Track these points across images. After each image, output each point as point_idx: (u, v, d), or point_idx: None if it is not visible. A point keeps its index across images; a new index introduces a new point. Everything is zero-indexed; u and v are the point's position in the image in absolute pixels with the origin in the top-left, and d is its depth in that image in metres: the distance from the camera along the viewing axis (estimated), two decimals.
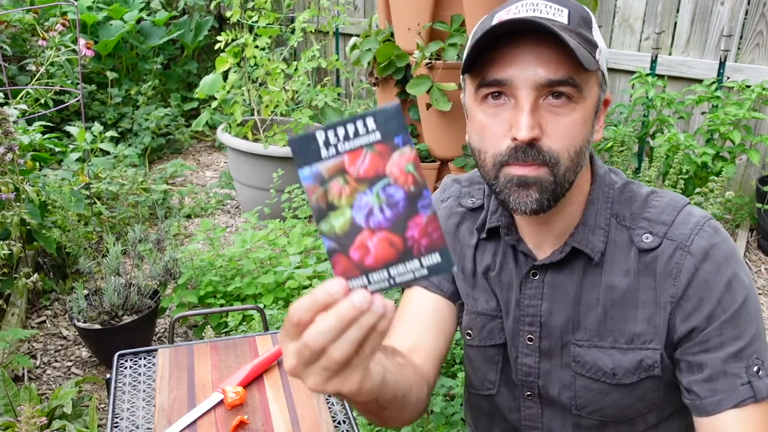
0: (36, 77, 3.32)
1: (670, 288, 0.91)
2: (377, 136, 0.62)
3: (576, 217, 0.97)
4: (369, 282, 0.62)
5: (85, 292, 2.42)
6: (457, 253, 1.09)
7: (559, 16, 0.87)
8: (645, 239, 0.94)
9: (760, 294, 2.98)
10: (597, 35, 0.91)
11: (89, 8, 4.38)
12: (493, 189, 0.91)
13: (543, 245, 0.99)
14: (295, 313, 0.60)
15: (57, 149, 2.96)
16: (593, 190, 0.97)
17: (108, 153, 3.62)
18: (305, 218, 2.91)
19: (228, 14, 3.52)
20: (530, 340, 1.01)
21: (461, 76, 0.96)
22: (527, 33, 0.85)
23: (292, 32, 3.72)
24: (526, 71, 0.85)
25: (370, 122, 0.61)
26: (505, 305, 1.04)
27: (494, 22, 0.88)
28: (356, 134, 0.61)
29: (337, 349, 0.59)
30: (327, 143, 0.61)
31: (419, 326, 1.05)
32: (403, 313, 1.08)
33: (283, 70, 3.51)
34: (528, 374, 1.03)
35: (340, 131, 0.61)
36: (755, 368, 0.89)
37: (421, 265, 0.63)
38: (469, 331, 1.10)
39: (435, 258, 0.63)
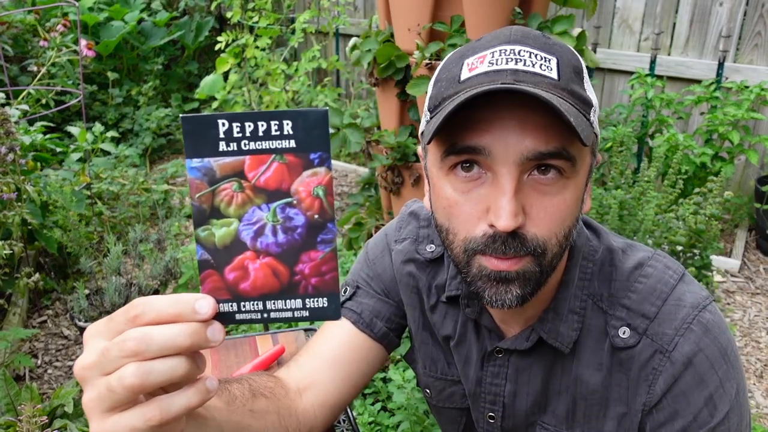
0: (37, 78, 3.33)
1: (644, 395, 0.79)
2: (292, 143, 0.52)
3: (548, 297, 0.83)
4: (239, 310, 0.54)
5: (86, 291, 2.43)
6: (414, 307, 0.97)
7: (547, 68, 0.70)
8: (622, 334, 0.80)
9: (758, 294, 2.99)
10: (589, 88, 0.74)
11: (90, 9, 4.39)
12: (464, 277, 0.76)
13: (510, 321, 0.87)
14: (141, 304, 0.50)
15: (58, 149, 2.97)
16: (569, 268, 0.83)
17: (109, 153, 3.63)
18: None
19: (228, 15, 3.53)
20: (491, 418, 0.92)
21: (420, 135, 0.80)
22: (510, 93, 0.67)
23: (293, 33, 3.72)
24: (507, 141, 0.68)
25: (288, 126, 0.52)
26: (464, 379, 0.93)
27: (464, 73, 0.72)
28: (267, 135, 0.52)
29: (134, 376, 0.48)
30: (229, 136, 0.51)
31: (324, 365, 0.92)
32: (314, 342, 0.95)
33: (283, 71, 3.52)
34: None
35: (249, 126, 0.51)
36: None
37: (304, 306, 0.54)
38: (428, 390, 1.01)
39: (322, 302, 0.54)
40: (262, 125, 0.51)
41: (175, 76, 4.84)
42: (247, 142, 0.51)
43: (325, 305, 0.54)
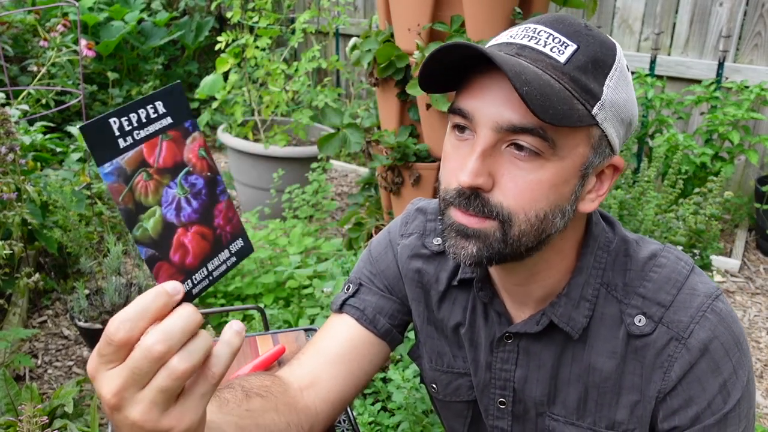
0: (37, 78, 3.33)
1: (659, 382, 0.81)
2: (169, 120, 0.56)
3: (559, 283, 0.85)
4: (193, 285, 0.56)
5: (87, 291, 2.43)
6: (419, 302, 0.98)
7: (559, 52, 0.73)
8: (637, 322, 0.81)
9: (758, 293, 2.99)
10: (608, 83, 0.74)
11: (90, 9, 4.39)
12: (440, 228, 0.81)
13: (521, 305, 0.88)
14: (117, 328, 0.50)
15: (58, 149, 2.97)
16: (584, 255, 0.84)
17: None
18: (305, 218, 2.92)
19: (228, 15, 3.53)
20: (502, 404, 0.93)
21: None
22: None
23: (293, 33, 3.72)
24: (489, 108, 0.73)
25: (160, 106, 0.56)
26: (474, 365, 0.94)
27: (491, 41, 0.78)
28: (149, 119, 0.55)
29: (184, 360, 0.50)
30: (122, 131, 0.53)
31: (327, 363, 0.93)
32: (316, 340, 0.97)
33: (283, 71, 3.52)
34: None
35: (134, 117, 0.54)
36: None
37: (231, 254, 0.60)
38: (434, 385, 1.01)
39: (239, 242, 0.60)
40: (142, 112, 0.55)
41: (175, 76, 4.84)
42: (137, 131, 0.54)
43: (242, 244, 0.61)
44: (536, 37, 0.74)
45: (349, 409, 1.16)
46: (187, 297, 0.55)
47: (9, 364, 2.17)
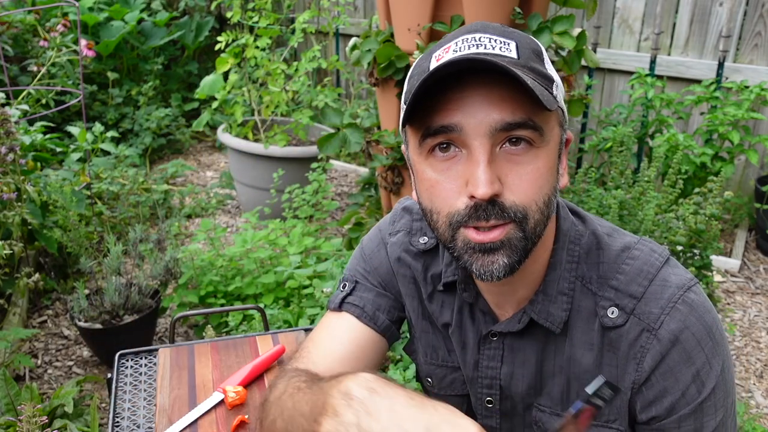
0: (37, 78, 3.33)
1: (633, 373, 0.82)
2: None
3: (538, 279, 0.86)
4: None
5: (86, 291, 2.43)
6: (413, 297, 1.00)
7: (507, 50, 0.75)
8: (610, 314, 0.83)
9: (758, 293, 2.99)
10: (550, 68, 0.80)
11: (90, 9, 4.39)
12: (451, 252, 0.80)
13: (504, 304, 0.90)
14: None
15: (58, 149, 2.97)
16: (556, 251, 0.86)
17: (109, 153, 3.63)
18: (305, 218, 2.92)
19: (228, 15, 3.53)
20: (489, 402, 0.95)
21: (401, 129, 0.84)
22: (474, 73, 0.73)
23: (293, 33, 3.72)
24: (476, 116, 0.73)
25: None
26: (463, 364, 0.96)
27: (432, 64, 0.77)
28: None
29: None
30: None
31: (336, 364, 0.93)
32: (321, 338, 0.99)
33: (283, 71, 3.52)
34: None
35: None
36: None
37: None
38: (429, 380, 1.03)
39: None
40: None
41: (175, 76, 4.84)
42: None
43: None
44: (481, 44, 0.76)
45: None
46: None
47: (9, 364, 2.18)
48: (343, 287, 1.02)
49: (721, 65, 3.36)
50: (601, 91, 3.82)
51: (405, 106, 0.78)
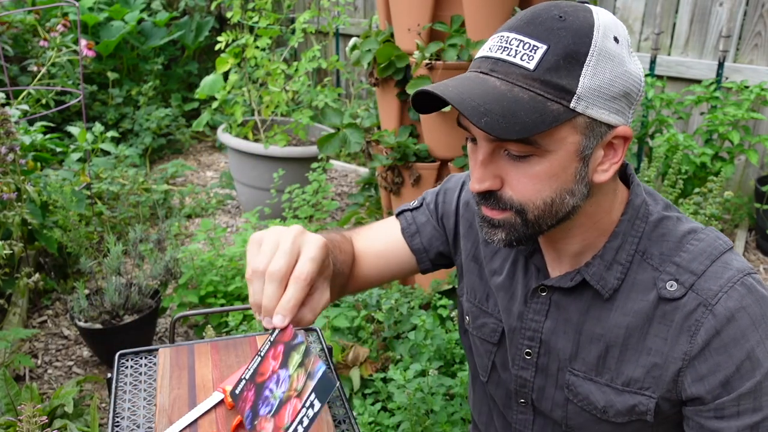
0: (37, 78, 3.33)
1: (685, 344, 0.84)
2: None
3: (596, 245, 0.91)
4: None
5: (86, 291, 2.43)
6: (468, 239, 1.10)
7: (528, 58, 0.77)
8: (669, 287, 0.86)
9: None
10: (587, 73, 0.77)
11: (90, 9, 4.39)
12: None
13: (559, 261, 0.95)
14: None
15: (58, 149, 2.97)
16: (621, 222, 0.90)
17: (109, 153, 3.63)
18: (305, 218, 2.92)
19: (228, 15, 3.53)
20: (528, 354, 0.99)
21: None
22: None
23: (293, 33, 3.73)
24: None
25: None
26: (506, 314, 1.02)
27: (479, 52, 0.85)
28: None
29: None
30: None
31: (371, 252, 1.11)
32: (374, 228, 1.16)
33: (283, 71, 3.52)
34: (523, 386, 1.02)
35: None
36: None
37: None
38: (467, 317, 1.12)
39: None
40: None
41: (175, 76, 4.84)
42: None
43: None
44: (508, 47, 0.79)
45: (349, 409, 1.17)
46: None
47: (9, 364, 2.18)
48: (415, 202, 1.17)
49: (721, 65, 3.36)
50: None
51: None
